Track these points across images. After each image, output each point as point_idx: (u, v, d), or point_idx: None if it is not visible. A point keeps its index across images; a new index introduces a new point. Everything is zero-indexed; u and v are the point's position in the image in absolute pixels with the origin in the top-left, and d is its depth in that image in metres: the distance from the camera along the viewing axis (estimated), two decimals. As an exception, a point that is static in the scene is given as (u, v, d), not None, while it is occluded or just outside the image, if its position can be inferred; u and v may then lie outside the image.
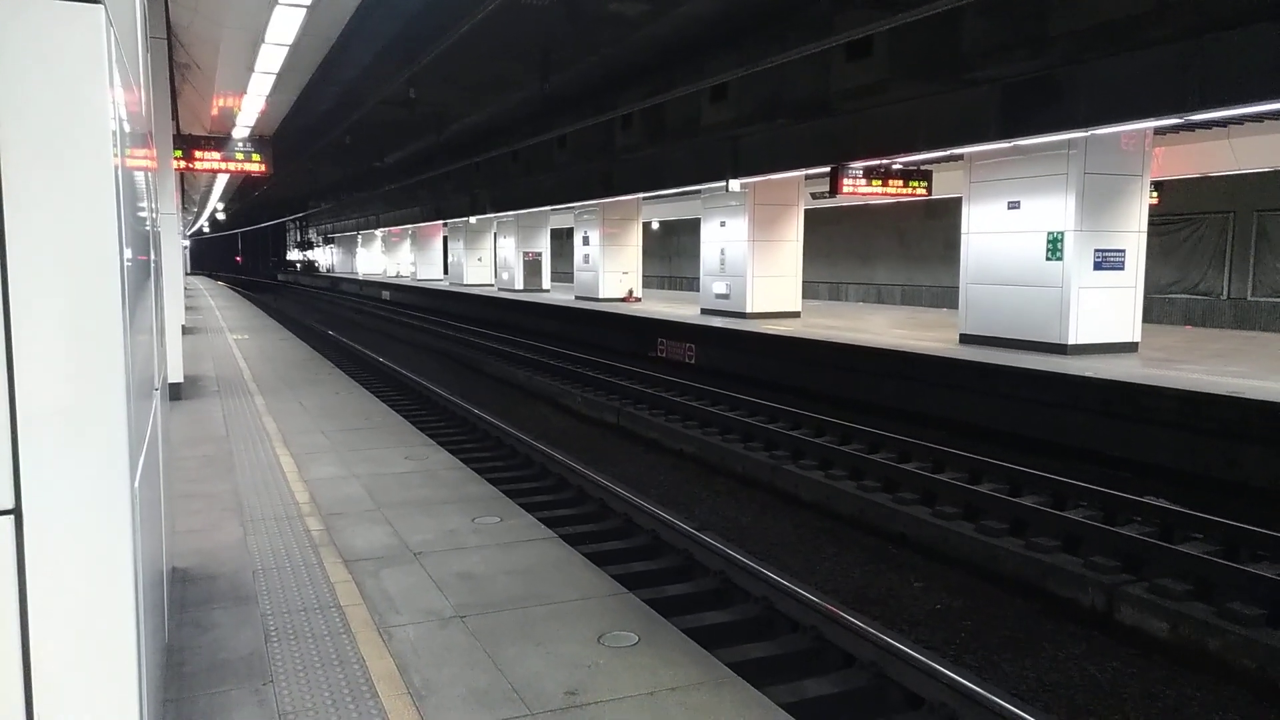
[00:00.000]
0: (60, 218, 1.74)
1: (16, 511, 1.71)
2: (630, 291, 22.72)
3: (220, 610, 3.83)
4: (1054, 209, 11.01)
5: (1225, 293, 18.30)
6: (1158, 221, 15.91)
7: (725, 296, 17.29)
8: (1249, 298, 17.95)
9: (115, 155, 1.85)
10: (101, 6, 1.74)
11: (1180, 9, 7.62)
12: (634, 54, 12.50)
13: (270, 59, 10.61)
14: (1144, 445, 8.46)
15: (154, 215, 4.19)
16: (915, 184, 13.95)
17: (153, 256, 3.61)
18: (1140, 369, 9.66)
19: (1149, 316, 13.85)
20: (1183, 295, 18.85)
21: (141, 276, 2.69)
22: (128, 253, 2.01)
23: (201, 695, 3.10)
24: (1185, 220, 18.61)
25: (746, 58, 10.85)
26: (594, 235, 22.76)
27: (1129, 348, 11.28)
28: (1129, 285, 11.31)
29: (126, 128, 2.25)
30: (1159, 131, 12.01)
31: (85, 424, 1.77)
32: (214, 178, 25.16)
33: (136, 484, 1.94)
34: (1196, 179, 15.79)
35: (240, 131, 15.34)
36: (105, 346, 1.79)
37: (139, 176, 2.77)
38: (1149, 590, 5.36)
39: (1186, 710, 4.48)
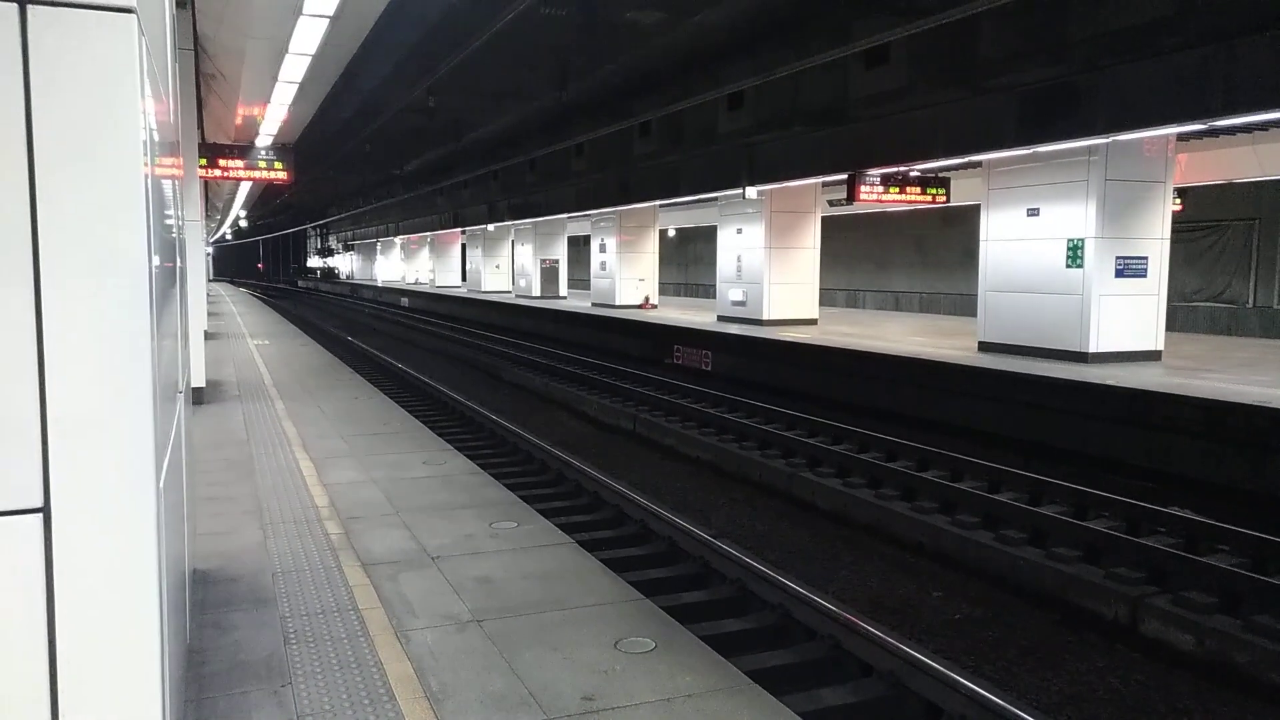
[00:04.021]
0: (92, 224, 1.77)
1: (45, 510, 1.74)
2: (646, 298, 22.75)
3: (240, 612, 3.87)
4: (1074, 216, 10.91)
5: (1251, 300, 18.04)
6: (1181, 228, 15.70)
7: (742, 303, 17.26)
8: (1275, 305, 17.68)
9: (146, 163, 1.88)
10: (134, 16, 1.77)
11: (1202, 14, 7.55)
12: (651, 62, 12.55)
13: (293, 69, 10.77)
14: (1167, 455, 8.35)
15: (180, 222, 4.25)
16: (933, 191, 13.87)
17: (178, 263, 3.66)
18: (1163, 377, 9.54)
19: (1173, 325, 13.66)
20: (1207, 303, 18.60)
21: (168, 282, 2.73)
22: (155, 259, 2.04)
23: (222, 696, 3.13)
24: (1209, 227, 18.37)
25: (763, 65, 10.87)
26: (611, 243, 22.83)
27: (1152, 356, 11.14)
28: (1152, 293, 11.18)
29: (156, 136, 2.30)
30: (1182, 138, 11.88)
31: (112, 425, 1.80)
32: (237, 185, 25.51)
33: (161, 485, 1.98)
34: (1221, 185, 15.60)
35: (263, 140, 15.58)
36: (133, 350, 1.82)
37: (167, 185, 2.82)
38: (1173, 603, 5.29)
39: (1212, 724, 4.41)
